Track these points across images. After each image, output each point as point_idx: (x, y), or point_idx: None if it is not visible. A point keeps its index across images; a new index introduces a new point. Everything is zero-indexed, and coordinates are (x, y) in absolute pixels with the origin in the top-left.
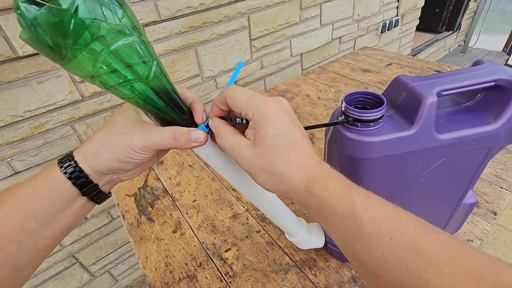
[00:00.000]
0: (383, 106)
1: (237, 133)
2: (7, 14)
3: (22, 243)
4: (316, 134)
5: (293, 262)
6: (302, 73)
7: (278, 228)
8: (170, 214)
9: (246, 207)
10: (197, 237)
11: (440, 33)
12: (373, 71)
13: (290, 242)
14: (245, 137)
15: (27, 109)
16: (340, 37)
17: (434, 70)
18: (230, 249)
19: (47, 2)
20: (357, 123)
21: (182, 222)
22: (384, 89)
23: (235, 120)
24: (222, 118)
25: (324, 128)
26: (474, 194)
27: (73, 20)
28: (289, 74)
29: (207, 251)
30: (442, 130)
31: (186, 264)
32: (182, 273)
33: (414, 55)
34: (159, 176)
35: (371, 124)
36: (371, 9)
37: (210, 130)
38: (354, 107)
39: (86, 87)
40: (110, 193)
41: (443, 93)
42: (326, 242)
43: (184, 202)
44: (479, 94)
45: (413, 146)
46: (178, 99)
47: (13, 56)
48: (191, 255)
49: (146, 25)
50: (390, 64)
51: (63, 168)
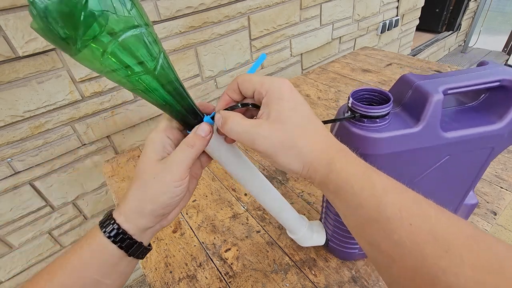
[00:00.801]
0: (390, 103)
1: (246, 118)
2: (7, 14)
3: None
4: None
5: (293, 262)
6: (302, 73)
7: (278, 228)
8: None
9: (246, 207)
10: (197, 237)
11: (440, 33)
12: (373, 71)
13: (290, 242)
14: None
15: (27, 109)
16: (340, 37)
17: (434, 70)
18: (230, 249)
19: None
20: (363, 119)
21: (182, 222)
22: (384, 89)
23: (245, 105)
24: (230, 108)
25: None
26: (475, 195)
27: (83, 11)
28: (289, 74)
29: (207, 251)
30: (447, 129)
31: (186, 264)
32: (182, 273)
33: (414, 55)
34: None
35: (378, 120)
36: (371, 9)
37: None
38: (361, 104)
39: (86, 87)
40: (150, 245)
41: (449, 91)
42: (327, 240)
43: None
44: (483, 94)
45: (418, 144)
46: (184, 93)
47: (13, 56)
48: (191, 255)
49: None
50: (390, 64)
51: (106, 232)
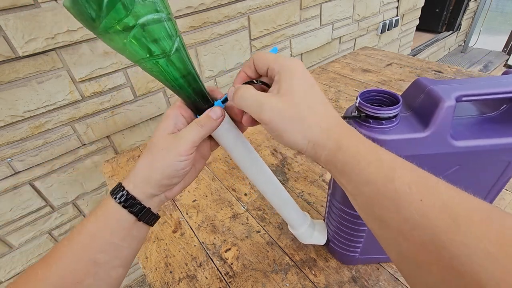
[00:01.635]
0: (397, 105)
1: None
2: (7, 14)
3: (97, 275)
4: None
5: (293, 262)
6: None
7: (278, 228)
8: (170, 214)
9: (246, 207)
10: (197, 237)
11: (440, 33)
12: (373, 71)
13: (290, 242)
14: None
15: (27, 109)
16: (340, 37)
17: (434, 70)
18: (230, 249)
19: None
20: (369, 120)
21: (182, 222)
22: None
23: (258, 81)
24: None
25: None
26: None
27: None
28: None
29: (207, 251)
30: (458, 137)
31: (186, 264)
32: (182, 273)
33: (414, 55)
34: None
35: (384, 122)
36: (371, 9)
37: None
38: (370, 105)
39: (86, 87)
40: (158, 214)
41: (464, 98)
42: (328, 240)
43: (184, 202)
44: (505, 105)
45: (425, 150)
46: (197, 78)
47: (13, 56)
48: (191, 255)
49: None
50: (390, 64)
51: (117, 198)
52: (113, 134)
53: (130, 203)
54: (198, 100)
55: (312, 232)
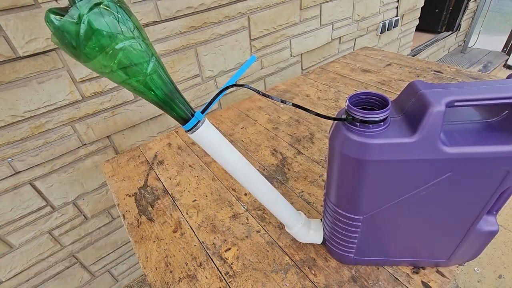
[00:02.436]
0: (385, 109)
1: None
2: (8, 14)
3: None
4: (316, 134)
5: (293, 262)
6: (302, 73)
7: (278, 228)
8: (170, 214)
9: (246, 207)
10: (197, 237)
11: (439, 33)
12: (373, 71)
13: (290, 242)
14: None
15: (28, 109)
16: (340, 37)
17: (434, 71)
18: (230, 249)
19: (63, 17)
20: (356, 123)
21: (182, 222)
22: (384, 89)
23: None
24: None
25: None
26: (496, 222)
27: (83, 30)
28: (289, 74)
29: (207, 251)
30: (450, 143)
31: (186, 264)
32: (182, 273)
33: (413, 55)
34: (159, 176)
35: (371, 125)
36: (371, 9)
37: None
38: (362, 108)
39: (86, 87)
40: None
41: (456, 103)
42: (324, 239)
43: (184, 202)
44: (507, 111)
45: (412, 155)
46: (177, 92)
47: (13, 56)
48: (191, 255)
49: (146, 25)
50: (390, 64)
51: None
52: (113, 134)
53: None
54: (181, 111)
55: (307, 231)
